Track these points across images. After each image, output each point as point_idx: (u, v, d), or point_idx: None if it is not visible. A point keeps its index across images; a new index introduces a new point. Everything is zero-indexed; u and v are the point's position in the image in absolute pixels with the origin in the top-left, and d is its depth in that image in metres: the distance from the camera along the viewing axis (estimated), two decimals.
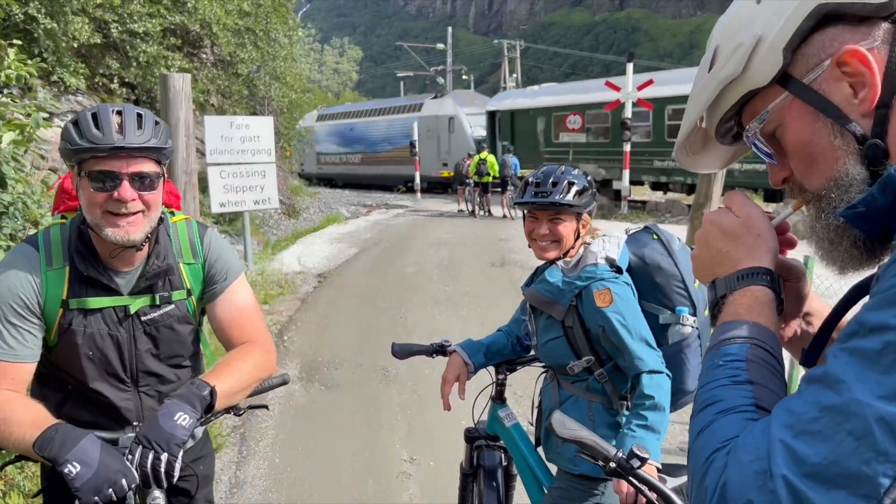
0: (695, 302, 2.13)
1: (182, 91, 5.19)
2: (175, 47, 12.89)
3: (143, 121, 1.69)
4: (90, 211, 1.68)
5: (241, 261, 2.04)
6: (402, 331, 7.30)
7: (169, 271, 1.85)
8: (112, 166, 1.64)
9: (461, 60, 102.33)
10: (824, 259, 0.86)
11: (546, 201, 2.13)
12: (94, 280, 1.76)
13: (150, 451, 1.52)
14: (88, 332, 1.77)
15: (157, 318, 1.85)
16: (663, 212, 18.49)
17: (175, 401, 1.60)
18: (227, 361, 1.83)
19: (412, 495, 3.94)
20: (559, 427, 1.66)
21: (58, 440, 1.50)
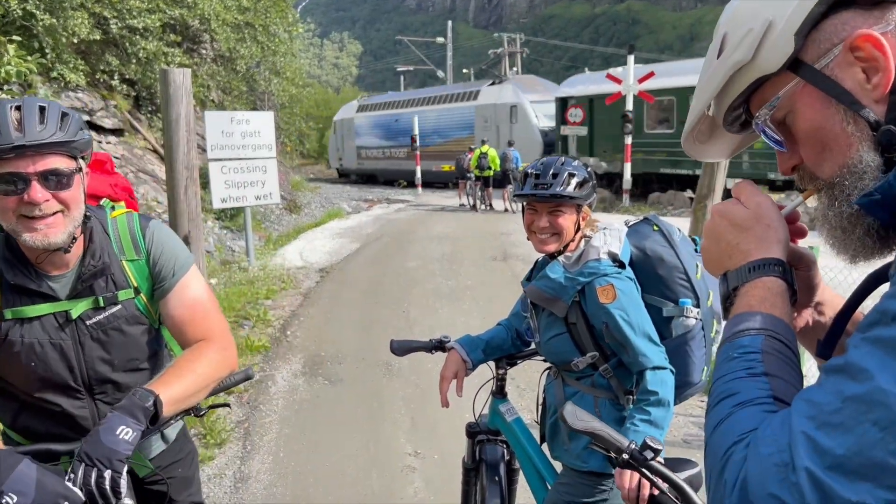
0: (697, 293, 2.11)
1: (182, 86, 5.17)
2: (174, 43, 12.86)
3: (45, 114, 1.56)
4: (3, 217, 1.57)
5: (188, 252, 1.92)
6: (405, 325, 7.30)
7: (106, 270, 1.74)
8: (17, 167, 1.52)
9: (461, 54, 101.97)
10: (836, 248, 0.85)
11: (546, 193, 2.09)
12: (25, 287, 1.66)
13: (93, 468, 1.45)
14: (27, 342, 1.68)
15: (103, 321, 1.75)
16: (665, 204, 18.46)
17: (117, 413, 1.51)
18: (178, 364, 1.72)
19: (417, 489, 3.93)
20: (571, 418, 1.65)
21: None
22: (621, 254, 2.10)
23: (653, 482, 1.62)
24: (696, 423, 4.86)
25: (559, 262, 2.15)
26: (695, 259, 2.17)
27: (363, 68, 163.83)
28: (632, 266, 2.14)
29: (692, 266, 2.13)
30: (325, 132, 44.60)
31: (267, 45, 15.35)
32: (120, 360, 1.80)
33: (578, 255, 2.14)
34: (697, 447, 4.45)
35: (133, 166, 10.88)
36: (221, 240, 11.83)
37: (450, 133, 27.79)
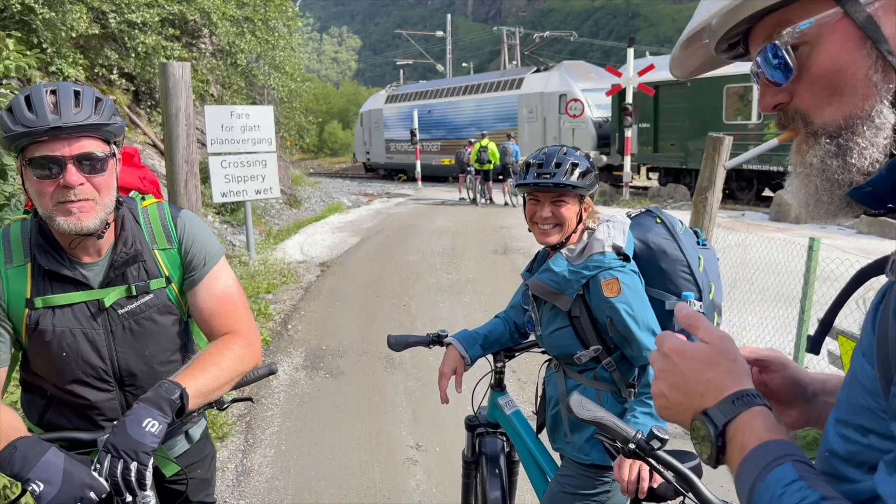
0: (700, 286, 2.10)
1: (182, 80, 5.15)
2: (173, 37, 12.83)
3: (80, 98, 1.57)
4: (40, 202, 1.57)
5: (219, 243, 1.91)
6: (406, 318, 7.30)
7: (139, 257, 1.73)
8: (53, 150, 1.52)
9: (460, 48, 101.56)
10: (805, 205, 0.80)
11: (550, 182, 2.06)
12: (59, 274, 1.65)
13: (120, 459, 1.45)
14: (58, 330, 1.66)
15: (135, 310, 1.73)
16: (665, 197, 18.45)
17: (143, 405, 1.51)
18: (204, 357, 1.71)
19: (419, 481, 3.94)
20: (577, 408, 1.64)
21: (18, 458, 1.44)
22: (625, 247, 2.09)
23: (659, 472, 1.62)
24: None
25: (562, 255, 2.13)
26: (697, 251, 2.16)
27: (362, 62, 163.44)
28: (635, 259, 2.13)
29: (695, 259, 2.12)
30: (324, 126, 44.60)
31: (266, 39, 15.32)
32: (151, 350, 1.78)
33: (582, 247, 2.11)
34: None
35: None
36: (222, 234, 11.82)
37: (489, 124, 24.81)
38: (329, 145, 44.92)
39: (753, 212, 16.39)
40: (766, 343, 5.86)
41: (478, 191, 19.02)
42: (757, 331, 5.95)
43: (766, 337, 5.83)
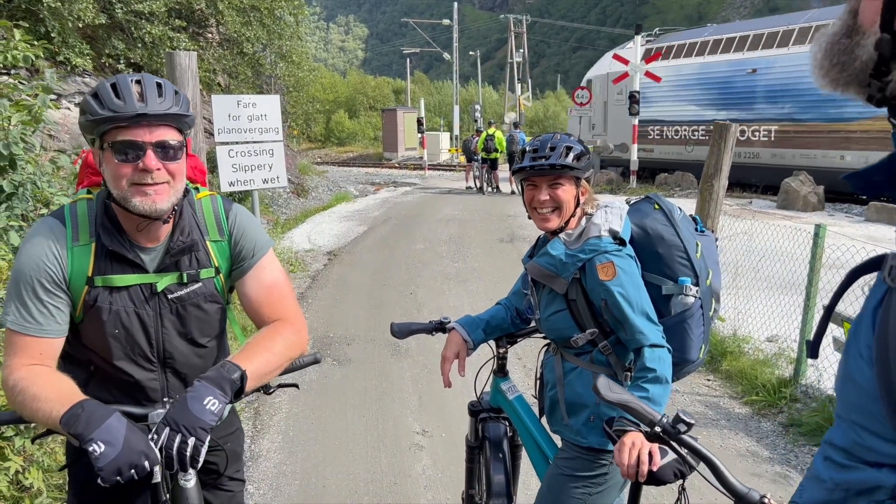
0: (697, 272, 2.12)
1: (189, 69, 5.18)
2: (180, 27, 12.84)
3: (163, 89, 1.65)
4: (116, 184, 1.64)
5: (267, 236, 1.98)
6: (412, 306, 7.34)
7: (194, 247, 1.80)
8: (135, 135, 1.60)
9: (467, 36, 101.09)
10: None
11: (545, 164, 2.10)
12: (120, 256, 1.72)
13: (178, 433, 1.50)
14: (114, 309, 1.72)
15: (184, 297, 1.80)
16: (672, 185, 18.39)
17: (205, 383, 1.57)
18: (257, 342, 1.77)
19: (424, 466, 3.99)
20: (605, 391, 1.67)
21: (84, 417, 1.48)
22: (622, 231, 2.11)
23: (682, 456, 1.64)
24: (701, 402, 4.89)
25: (560, 239, 2.16)
26: (695, 238, 2.18)
27: (369, 51, 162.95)
28: (632, 244, 2.15)
29: (692, 245, 2.14)
30: (331, 116, 44.57)
31: (273, 28, 15.29)
32: (194, 334, 1.85)
33: (579, 232, 2.15)
34: (703, 424, 4.49)
35: None
36: None
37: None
38: (336, 135, 44.83)
39: (760, 199, 16.33)
40: (770, 330, 5.87)
41: (484, 179, 19.01)
42: (762, 318, 5.96)
43: (772, 324, 5.84)
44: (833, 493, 0.82)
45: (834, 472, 0.82)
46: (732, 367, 5.32)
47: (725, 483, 1.53)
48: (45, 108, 4.59)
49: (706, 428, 4.46)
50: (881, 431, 0.75)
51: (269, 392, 1.89)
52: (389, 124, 34.80)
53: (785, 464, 4.02)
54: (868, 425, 0.77)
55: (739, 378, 5.15)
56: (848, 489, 0.80)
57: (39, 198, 4.24)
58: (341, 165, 32.98)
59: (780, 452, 4.16)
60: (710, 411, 4.74)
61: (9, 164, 4.11)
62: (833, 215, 13.73)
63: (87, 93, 1.62)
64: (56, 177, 4.75)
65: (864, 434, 0.77)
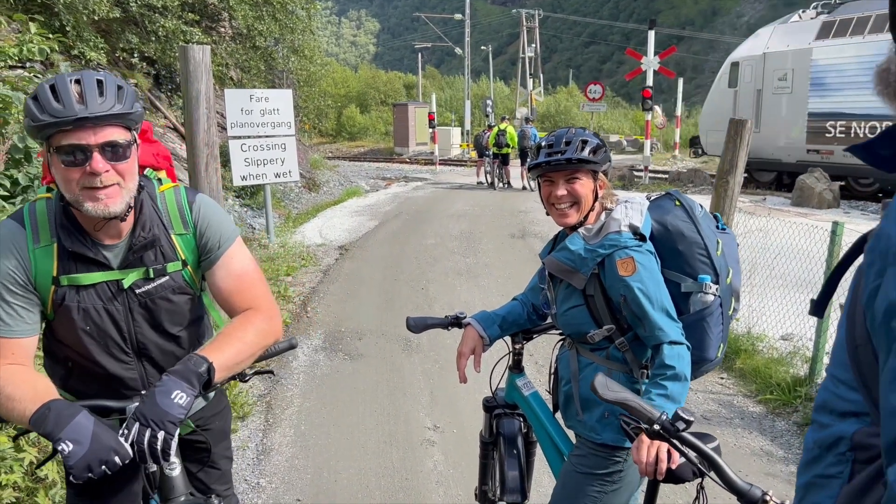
0: (717, 270, 2.10)
1: (202, 63, 5.18)
2: (193, 21, 12.87)
3: (104, 87, 1.60)
4: (66, 188, 1.62)
5: (235, 224, 1.98)
6: (424, 301, 7.33)
7: (156, 242, 1.79)
8: (79, 139, 1.57)
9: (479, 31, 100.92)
10: None
11: (562, 159, 2.08)
12: (83, 255, 1.72)
13: (147, 428, 1.52)
14: (83, 307, 1.74)
15: (151, 291, 1.81)
16: (685, 182, 18.29)
17: (172, 378, 1.59)
18: (227, 332, 1.78)
19: (436, 462, 3.98)
20: (602, 389, 1.65)
21: (51, 418, 1.51)
22: (642, 227, 2.09)
23: (683, 453, 1.62)
24: (715, 400, 4.86)
25: (579, 234, 2.14)
26: (716, 235, 2.16)
27: (381, 46, 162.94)
28: (652, 240, 2.13)
29: (713, 242, 2.12)
30: (342, 110, 44.57)
31: (285, 22, 15.30)
32: (166, 326, 1.86)
33: (599, 227, 2.13)
34: (717, 423, 4.46)
35: None
36: (242, 217, 11.91)
37: None
38: (347, 129, 44.81)
39: (775, 196, 16.22)
40: (785, 329, 5.82)
41: (495, 175, 18.97)
42: (777, 316, 5.91)
43: (787, 322, 5.80)
44: (811, 452, 0.87)
45: (814, 432, 0.87)
46: (746, 366, 5.28)
47: (727, 480, 1.53)
48: None
49: (719, 426, 4.43)
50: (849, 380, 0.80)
51: (244, 380, 1.92)
52: (401, 119, 34.78)
53: None
54: (841, 376, 0.82)
55: (753, 376, 5.11)
56: (821, 445, 0.84)
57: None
58: (352, 160, 32.95)
59: (794, 452, 4.12)
60: (724, 410, 4.71)
61: (24, 157, 4.12)
62: (849, 213, 13.62)
63: (27, 95, 1.60)
64: None
65: (838, 385, 0.83)
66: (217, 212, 1.92)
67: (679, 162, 25.46)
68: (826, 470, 0.83)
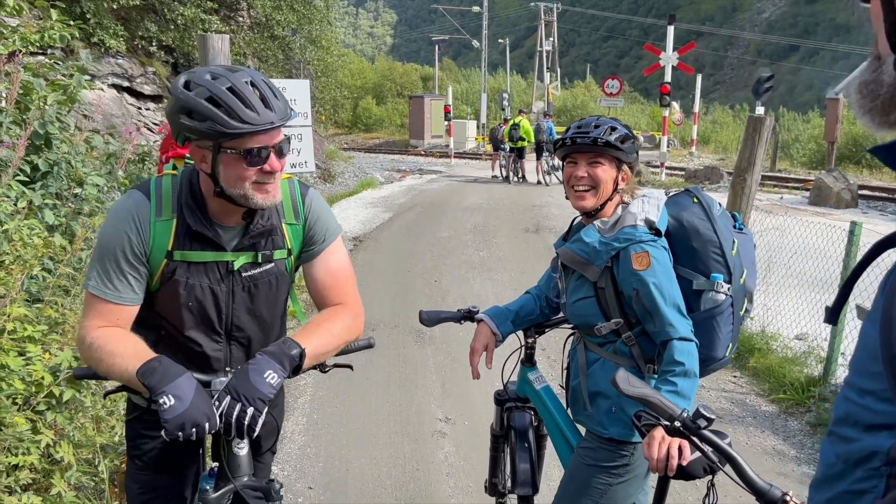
0: (731, 269, 2.09)
1: (221, 52, 5.20)
2: (212, 10, 12.92)
3: (274, 89, 1.69)
4: (237, 184, 1.69)
5: (338, 222, 2.06)
6: (437, 294, 7.35)
7: (273, 231, 1.87)
8: (263, 142, 1.66)
9: (496, 24, 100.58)
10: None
11: (587, 138, 2.09)
12: (201, 234, 1.78)
13: (238, 402, 1.58)
14: (190, 283, 1.80)
15: (257, 276, 1.87)
16: (702, 178, 18.17)
17: (266, 357, 1.64)
18: (318, 322, 1.86)
19: (447, 454, 4.00)
20: (624, 384, 1.65)
21: (159, 371, 1.58)
22: (658, 222, 2.08)
23: (703, 451, 1.62)
24: (727, 398, 4.84)
25: (594, 226, 2.14)
26: (732, 235, 2.15)
27: (398, 37, 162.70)
28: (667, 236, 2.12)
29: (728, 241, 2.11)
30: (358, 102, 44.60)
31: (303, 13, 15.33)
32: (261, 311, 1.93)
33: (615, 220, 2.12)
34: (729, 421, 4.44)
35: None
36: None
37: None
38: (363, 121, 44.87)
39: (792, 195, 16.09)
40: (800, 328, 5.78)
41: (511, 168, 18.92)
42: (792, 315, 5.87)
43: (802, 322, 5.76)
44: (833, 468, 0.84)
45: (836, 445, 0.83)
46: (760, 364, 5.25)
47: (747, 480, 1.51)
48: (80, 89, 4.65)
49: (732, 425, 4.42)
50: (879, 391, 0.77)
51: (324, 370, 1.98)
52: (416, 111, 34.75)
53: (812, 464, 3.97)
54: (868, 386, 0.79)
55: (767, 375, 5.09)
56: (847, 460, 0.81)
57: (73, 177, 4.29)
58: (367, 152, 32.97)
59: (807, 452, 4.10)
60: (736, 408, 4.69)
61: (44, 143, 4.16)
62: (867, 213, 13.49)
63: (192, 96, 1.61)
64: (90, 156, 4.80)
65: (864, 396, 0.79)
66: (326, 208, 2.00)
67: (696, 158, 25.29)
68: (855, 486, 0.80)
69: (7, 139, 3.85)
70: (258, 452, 2.11)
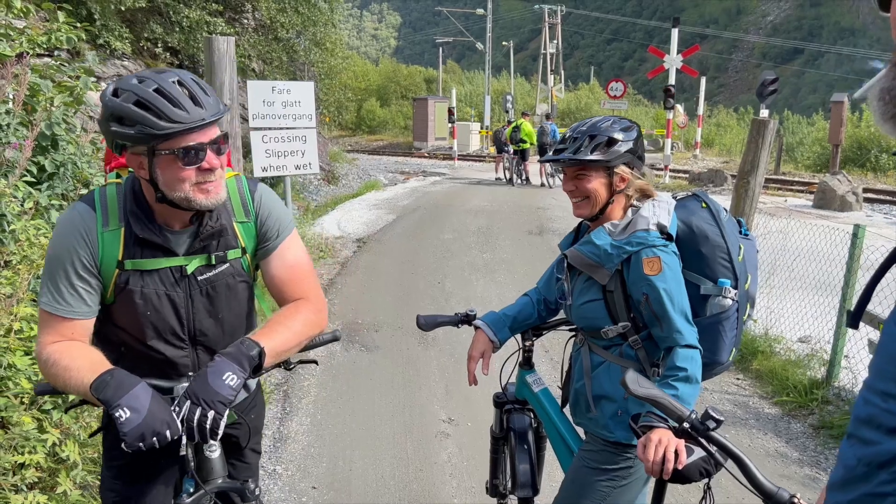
0: (737, 274, 2.10)
1: (227, 54, 5.24)
2: (217, 12, 12.96)
3: (203, 86, 1.67)
4: (177, 187, 1.66)
5: (291, 216, 2.02)
6: (441, 296, 7.36)
7: (223, 231, 1.83)
8: (196, 139, 1.64)
9: (500, 26, 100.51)
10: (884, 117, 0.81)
11: (563, 157, 2.09)
12: (150, 241, 1.76)
13: (198, 406, 1.57)
14: (145, 291, 1.77)
15: (213, 278, 1.85)
16: (706, 181, 18.16)
17: (224, 359, 1.63)
18: (277, 319, 1.83)
19: (450, 454, 4.01)
20: (633, 385, 1.66)
21: (112, 384, 1.56)
22: (669, 226, 2.08)
23: (710, 453, 1.63)
24: (730, 401, 4.85)
25: (605, 229, 2.13)
26: (739, 240, 2.16)
27: (402, 40, 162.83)
28: (676, 241, 2.12)
29: (735, 247, 2.11)
30: (362, 104, 44.65)
31: (308, 15, 15.35)
32: (223, 312, 1.90)
33: (626, 223, 2.11)
34: (732, 424, 4.45)
35: None
36: None
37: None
38: (367, 123, 44.93)
39: (796, 198, 16.07)
40: (803, 331, 5.78)
41: (514, 171, 18.93)
42: (795, 318, 5.88)
43: (805, 325, 5.76)
44: (854, 470, 0.83)
45: (858, 448, 0.83)
46: (763, 367, 5.26)
47: (755, 481, 1.52)
48: (87, 90, 4.68)
49: (735, 427, 4.42)
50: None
51: (289, 368, 1.96)
52: (420, 113, 34.79)
53: (814, 466, 3.97)
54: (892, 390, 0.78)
55: (770, 378, 5.09)
56: (870, 463, 0.80)
57: (79, 178, 4.32)
58: (371, 154, 32.99)
59: (809, 454, 4.11)
60: (739, 410, 4.69)
61: (51, 144, 4.19)
62: (871, 216, 13.47)
63: (120, 102, 1.60)
64: (95, 158, 4.83)
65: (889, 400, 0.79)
66: (277, 202, 1.97)
67: (700, 161, 25.27)
68: (878, 488, 0.80)
69: (14, 140, 3.88)
70: (238, 453, 2.10)
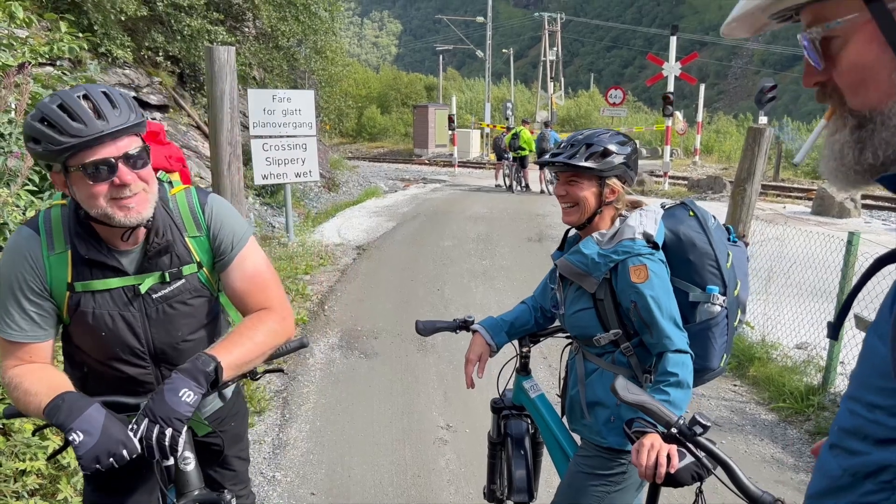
0: (726, 281, 2.13)
1: (227, 63, 5.28)
2: (218, 21, 13.03)
3: (113, 99, 1.61)
4: (92, 204, 1.61)
5: (248, 223, 2.06)
6: (440, 303, 7.39)
7: (170, 247, 1.80)
8: (102, 153, 1.57)
9: (500, 34, 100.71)
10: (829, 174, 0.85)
11: (557, 160, 2.13)
12: (97, 262, 1.73)
13: (156, 424, 1.56)
14: (98, 312, 1.75)
15: (168, 295, 1.81)
16: (704, 188, 18.20)
17: (180, 376, 1.62)
18: (237, 332, 1.80)
19: (448, 461, 4.04)
20: (623, 391, 1.69)
21: (64, 408, 1.55)
22: (656, 235, 2.12)
23: (698, 458, 1.66)
24: (727, 407, 4.87)
25: (593, 238, 2.17)
26: (727, 247, 2.19)
27: (402, 47, 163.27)
28: (664, 249, 2.16)
29: (723, 254, 2.15)
30: (363, 111, 44.75)
31: (308, 23, 15.43)
32: (183, 329, 1.88)
33: (613, 233, 2.15)
34: (728, 430, 4.47)
35: (177, 142, 11.11)
36: (262, 216, 12.05)
37: None
38: (367, 130, 45.02)
39: (794, 205, 16.10)
40: (800, 337, 5.81)
41: (514, 178, 18.98)
42: (792, 324, 5.91)
43: (801, 331, 5.79)
44: (839, 480, 0.84)
45: (843, 458, 0.83)
46: (760, 373, 5.28)
47: (740, 486, 1.55)
48: None
49: (731, 433, 4.45)
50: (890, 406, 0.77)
51: (255, 378, 1.94)
52: (421, 121, 34.88)
53: (810, 472, 3.99)
54: (878, 401, 0.78)
55: (766, 384, 5.12)
56: (855, 473, 0.81)
57: None
58: (372, 161, 33.03)
59: (805, 460, 4.13)
60: (736, 416, 4.72)
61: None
62: (870, 223, 13.49)
63: (29, 121, 1.59)
64: None
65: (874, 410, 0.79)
66: (229, 212, 1.93)
67: (699, 168, 25.31)
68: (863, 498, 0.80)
69: (16, 149, 3.93)
70: (222, 461, 2.11)
